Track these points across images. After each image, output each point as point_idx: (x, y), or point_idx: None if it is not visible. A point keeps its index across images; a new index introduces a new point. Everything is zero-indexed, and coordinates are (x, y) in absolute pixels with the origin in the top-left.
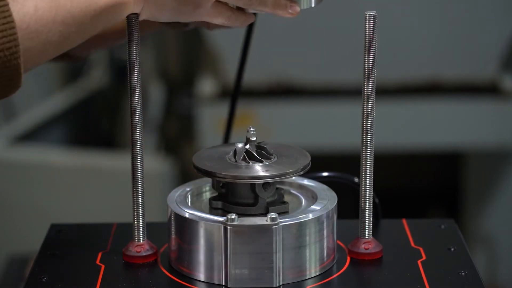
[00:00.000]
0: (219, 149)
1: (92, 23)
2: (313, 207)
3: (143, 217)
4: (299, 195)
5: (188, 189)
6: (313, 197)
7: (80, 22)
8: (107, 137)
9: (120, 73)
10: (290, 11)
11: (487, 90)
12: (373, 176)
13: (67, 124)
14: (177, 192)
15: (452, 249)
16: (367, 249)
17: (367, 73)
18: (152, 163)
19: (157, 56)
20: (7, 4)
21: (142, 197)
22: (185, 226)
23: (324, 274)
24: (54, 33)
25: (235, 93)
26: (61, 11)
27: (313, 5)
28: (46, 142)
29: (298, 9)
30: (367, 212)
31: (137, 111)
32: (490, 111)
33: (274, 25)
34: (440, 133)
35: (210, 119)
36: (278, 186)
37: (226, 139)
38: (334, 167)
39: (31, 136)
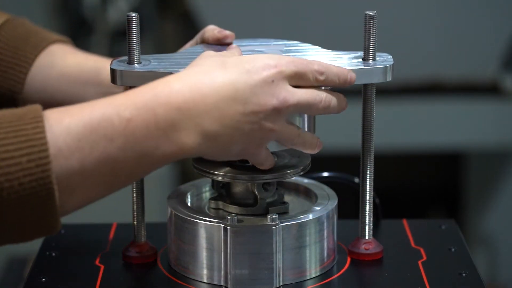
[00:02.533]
0: None
1: (144, 172)
2: (313, 207)
3: (143, 217)
4: (299, 195)
5: (188, 189)
6: (313, 198)
7: (130, 172)
8: None
9: None
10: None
11: (488, 90)
12: (373, 176)
13: None
14: (177, 192)
15: (453, 249)
16: (368, 249)
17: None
18: None
19: None
20: (48, 163)
21: (142, 197)
22: (185, 227)
23: (324, 274)
24: (99, 184)
25: None
26: (110, 163)
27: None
28: None
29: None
30: (367, 212)
31: None
32: (491, 111)
33: (273, 26)
34: (440, 133)
35: None
36: (278, 186)
37: None
38: (334, 167)
39: None
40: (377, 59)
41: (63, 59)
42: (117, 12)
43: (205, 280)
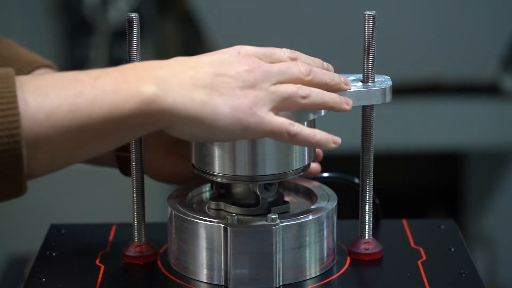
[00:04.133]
0: None
1: (116, 132)
2: (313, 207)
3: (143, 217)
4: (299, 195)
5: (188, 189)
6: (313, 198)
7: (100, 129)
8: None
9: None
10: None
11: (488, 90)
12: (373, 176)
13: None
14: (177, 192)
15: (452, 249)
16: (367, 249)
17: (366, 73)
18: None
19: (156, 55)
20: (16, 108)
21: (142, 197)
22: (185, 227)
23: (324, 274)
24: (66, 141)
25: None
26: (79, 116)
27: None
28: None
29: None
30: (367, 212)
31: None
32: (491, 111)
33: (274, 26)
34: (440, 133)
35: None
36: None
37: None
38: (334, 168)
39: None
40: (376, 80)
41: None
42: (117, 12)
43: (205, 280)
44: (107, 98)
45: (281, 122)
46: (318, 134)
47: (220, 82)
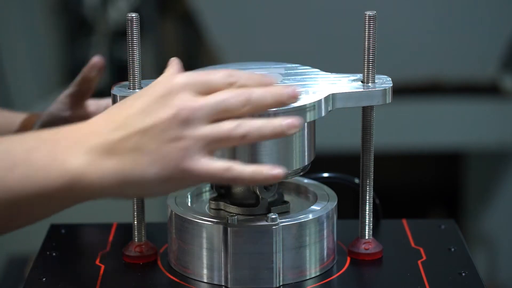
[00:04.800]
0: None
1: (47, 205)
2: (313, 207)
3: (143, 217)
4: (299, 195)
5: (188, 189)
6: (313, 197)
7: (32, 202)
8: None
9: (120, 73)
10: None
11: (488, 90)
12: (373, 176)
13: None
14: (177, 192)
15: (452, 249)
16: (367, 249)
17: (366, 73)
18: None
19: (156, 55)
20: None
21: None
22: (185, 227)
23: (324, 274)
24: None
25: None
26: (11, 191)
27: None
28: None
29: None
30: (367, 212)
31: None
32: (491, 111)
33: (273, 26)
34: (440, 133)
35: None
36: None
37: None
38: (334, 168)
39: None
40: (376, 81)
41: None
42: (117, 12)
43: (205, 280)
44: (38, 174)
45: (217, 167)
46: (257, 175)
47: (145, 141)
